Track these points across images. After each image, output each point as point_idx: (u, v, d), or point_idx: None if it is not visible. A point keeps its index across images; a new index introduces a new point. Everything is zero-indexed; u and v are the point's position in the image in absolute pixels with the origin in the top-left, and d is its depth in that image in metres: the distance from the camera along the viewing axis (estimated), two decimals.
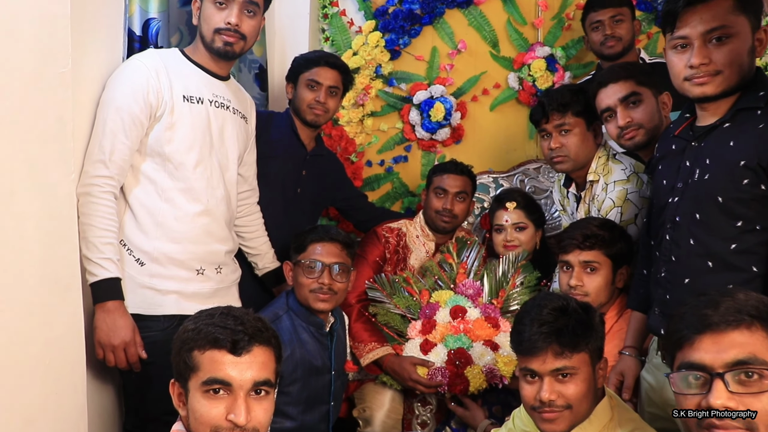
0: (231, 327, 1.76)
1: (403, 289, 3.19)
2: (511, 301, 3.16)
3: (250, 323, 1.80)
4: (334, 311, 2.87)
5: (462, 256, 3.29)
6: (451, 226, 3.39)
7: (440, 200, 3.36)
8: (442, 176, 3.39)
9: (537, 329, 1.99)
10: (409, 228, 3.44)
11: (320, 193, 3.42)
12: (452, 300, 3.13)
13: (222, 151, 2.65)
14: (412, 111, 3.98)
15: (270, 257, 3.13)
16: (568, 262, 2.72)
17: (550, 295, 2.13)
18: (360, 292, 3.24)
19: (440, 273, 3.23)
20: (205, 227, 2.57)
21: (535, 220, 3.37)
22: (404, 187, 4.06)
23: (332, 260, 2.73)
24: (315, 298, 2.71)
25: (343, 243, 2.77)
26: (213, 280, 2.62)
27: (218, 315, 1.80)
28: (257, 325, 1.80)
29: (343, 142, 3.99)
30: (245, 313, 1.82)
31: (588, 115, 2.94)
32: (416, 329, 3.10)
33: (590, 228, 2.71)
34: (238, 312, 1.81)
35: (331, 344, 2.85)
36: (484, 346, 3.01)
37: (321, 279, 2.70)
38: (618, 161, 2.94)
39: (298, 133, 3.29)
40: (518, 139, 4.03)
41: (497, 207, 3.39)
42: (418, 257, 3.41)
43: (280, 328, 2.72)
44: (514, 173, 3.87)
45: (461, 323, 3.06)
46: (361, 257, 3.33)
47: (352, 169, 4.00)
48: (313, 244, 2.75)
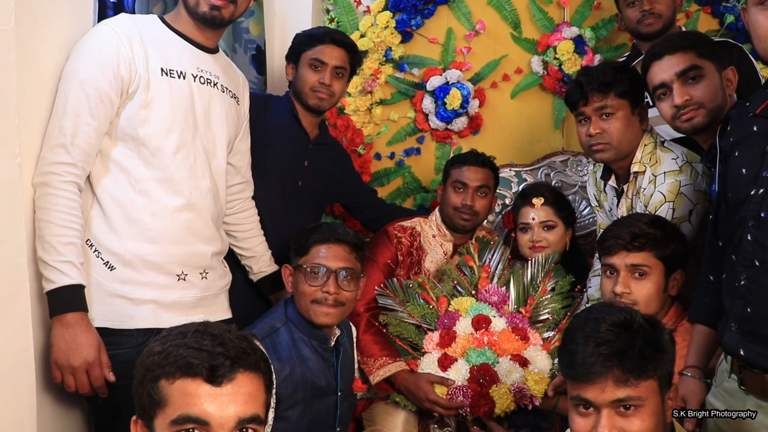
0: (208, 349, 1.34)
1: (417, 295, 2.78)
2: (541, 310, 2.73)
3: (233, 343, 1.37)
4: (340, 323, 2.44)
5: (484, 258, 2.87)
6: (472, 224, 2.97)
7: (459, 195, 2.94)
8: (461, 168, 2.97)
9: (594, 350, 1.57)
10: (424, 227, 3.02)
11: (324, 187, 2.99)
12: (474, 308, 2.71)
13: (208, 136, 2.21)
14: (426, 98, 3.57)
15: (266, 260, 2.70)
16: (613, 265, 2.28)
17: (609, 306, 1.69)
18: (369, 299, 2.83)
19: (460, 277, 2.81)
20: (188, 224, 2.14)
21: (565, 218, 2.96)
22: (416, 183, 3.67)
23: (339, 265, 2.30)
24: (318, 310, 2.28)
25: (352, 245, 2.34)
26: (197, 286, 2.19)
27: (192, 333, 1.37)
28: (241, 345, 1.37)
29: (350, 132, 3.58)
30: (226, 331, 1.39)
31: (633, 96, 2.50)
32: (433, 342, 2.67)
33: (639, 226, 2.27)
34: (217, 329, 1.38)
35: (336, 361, 2.42)
36: (512, 362, 2.59)
37: (325, 287, 2.27)
38: (667, 149, 2.50)
39: (300, 119, 2.87)
40: (542, 129, 3.63)
41: (522, 203, 2.98)
42: (435, 259, 2.99)
43: (277, 342, 2.29)
44: (538, 167, 3.45)
45: (485, 335, 2.63)
46: (370, 260, 2.92)
47: (360, 162, 3.59)
48: (316, 246, 2.32)
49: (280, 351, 2.27)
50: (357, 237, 2.37)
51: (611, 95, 2.48)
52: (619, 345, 1.56)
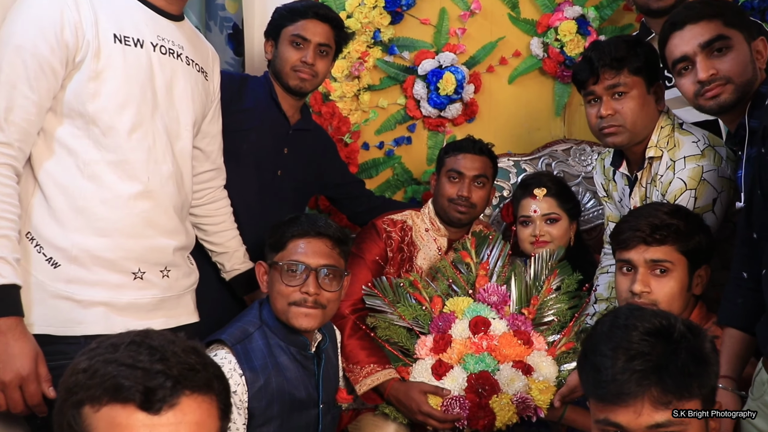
0: (144, 366, 1.05)
1: (409, 295, 2.51)
2: (545, 310, 2.46)
3: (177, 358, 1.08)
4: (322, 326, 2.15)
5: (482, 254, 2.59)
6: (468, 217, 2.70)
7: (454, 186, 2.66)
8: (456, 157, 2.70)
9: (626, 364, 1.29)
10: (416, 220, 2.74)
11: (306, 176, 2.70)
12: (472, 309, 2.44)
13: (171, 114, 1.92)
14: (417, 84, 3.29)
15: (240, 256, 2.40)
16: (630, 261, 2.00)
17: (639, 310, 1.41)
18: (356, 299, 2.56)
19: (455, 275, 2.54)
20: (145, 215, 1.85)
21: (569, 210, 2.70)
22: (407, 174, 3.39)
23: (319, 262, 2.01)
24: (296, 313, 2.00)
25: (334, 239, 2.05)
26: (157, 286, 1.89)
27: (125, 346, 1.08)
28: (188, 360, 1.08)
29: (335, 120, 3.29)
30: (170, 342, 1.10)
31: (648, 73, 2.23)
32: (426, 347, 2.40)
33: (659, 216, 1.99)
34: (158, 340, 1.09)
35: (318, 369, 2.13)
36: (514, 369, 2.32)
37: (304, 287, 1.99)
38: (687, 131, 2.23)
39: (279, 102, 2.58)
40: (543, 116, 3.37)
41: (523, 195, 2.72)
42: (428, 256, 2.71)
43: (250, 349, 1.99)
44: (538, 156, 3.18)
45: (484, 339, 2.36)
46: (357, 256, 2.65)
47: (346, 152, 3.31)
48: (294, 241, 2.03)
49: (253, 359, 1.98)
50: (340, 230, 2.08)
51: (624, 72, 2.20)
52: (657, 359, 1.28)
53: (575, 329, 2.40)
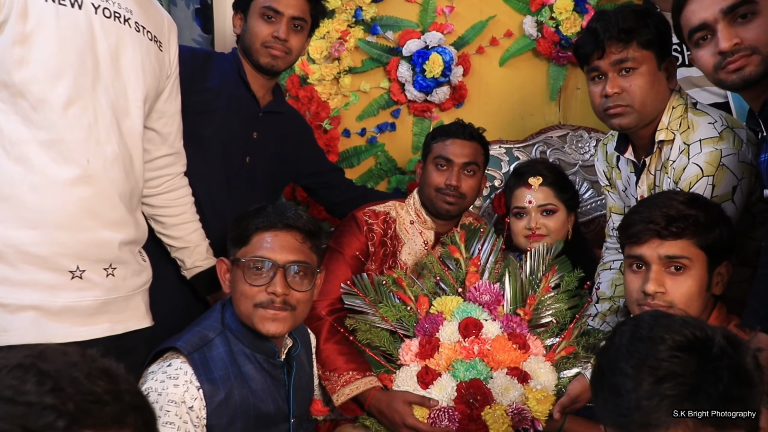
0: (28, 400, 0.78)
1: (392, 294, 2.25)
2: (543, 311, 2.21)
3: (77, 388, 0.82)
4: (293, 330, 1.88)
5: (472, 249, 2.34)
6: (457, 208, 2.45)
7: (442, 174, 2.42)
8: (444, 142, 2.45)
9: (653, 387, 1.04)
10: (400, 212, 2.48)
11: (278, 164, 2.44)
12: (462, 310, 2.19)
13: (117, 87, 1.65)
14: (402, 65, 3.05)
15: (202, 252, 2.14)
16: (642, 257, 1.75)
17: (665, 318, 1.15)
18: (333, 299, 2.31)
19: (443, 272, 2.29)
20: (85, 204, 1.58)
21: (567, 200, 2.47)
22: (391, 163, 3.15)
23: (288, 258, 1.75)
24: (262, 316, 1.73)
25: (305, 231, 1.79)
26: (100, 287, 1.62)
27: (8, 371, 0.81)
28: (93, 390, 0.82)
29: (314, 105, 3.06)
30: (70, 365, 0.83)
31: (659, 47, 1.98)
32: (411, 352, 2.15)
33: (674, 206, 1.74)
34: (54, 362, 0.83)
35: (288, 379, 1.87)
36: (509, 377, 2.07)
37: (271, 286, 1.72)
38: (701, 112, 1.98)
39: (248, 81, 2.31)
40: (536, 100, 3.13)
41: (517, 184, 2.48)
42: (413, 251, 2.46)
43: (210, 358, 1.73)
44: (532, 143, 2.94)
45: (475, 343, 2.12)
46: (335, 251, 2.41)
47: (326, 139, 3.08)
48: (259, 234, 1.77)
49: (212, 369, 1.72)
50: (312, 222, 1.81)
51: (633, 45, 1.95)
52: (693, 381, 1.02)
53: (576, 332, 2.15)
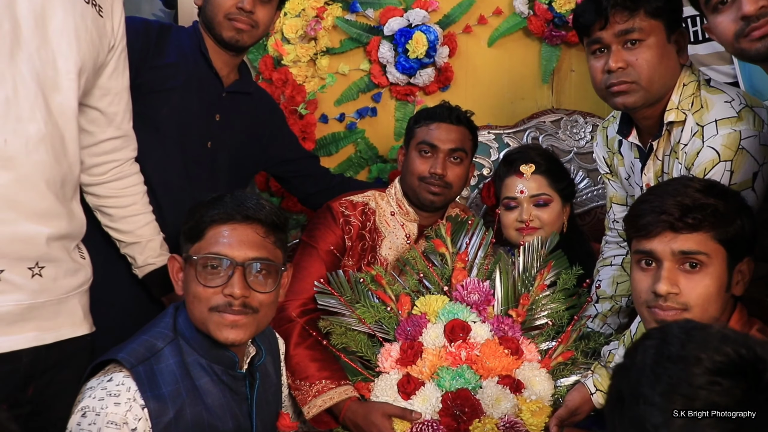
0: None
1: (371, 293, 2.03)
2: (537, 312, 1.98)
3: None
4: (257, 337, 1.64)
5: (459, 243, 2.11)
6: (442, 199, 2.23)
7: (426, 161, 2.20)
8: (429, 126, 2.23)
9: (689, 424, 0.81)
10: (380, 203, 2.25)
11: (245, 150, 2.20)
12: (447, 311, 1.97)
13: (43, 56, 1.40)
14: (383, 45, 2.82)
15: (155, 248, 1.89)
16: (653, 253, 1.52)
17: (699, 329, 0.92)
18: (306, 299, 2.08)
19: (427, 268, 2.06)
20: (2, 192, 1.33)
21: (562, 190, 2.26)
22: (371, 151, 2.93)
23: (248, 254, 1.51)
24: (219, 322, 1.49)
25: (268, 224, 1.55)
26: (23, 289, 1.38)
27: None
28: None
29: (288, 89, 2.83)
30: None
31: (669, 16, 1.75)
32: (392, 358, 1.94)
33: (690, 194, 1.51)
34: None
35: (251, 393, 1.63)
36: (500, 386, 1.86)
37: (228, 288, 1.48)
38: (716, 89, 1.75)
39: (210, 58, 2.06)
40: (528, 83, 2.91)
41: (507, 173, 2.26)
42: (394, 245, 2.24)
43: (158, 371, 1.49)
44: (523, 129, 2.72)
45: (462, 348, 1.90)
46: (308, 246, 2.18)
47: (301, 126, 2.86)
48: (215, 227, 1.52)
49: (160, 384, 1.47)
50: (276, 213, 1.56)
51: (640, 14, 1.72)
52: (738, 414, 0.79)
53: (574, 335, 1.92)
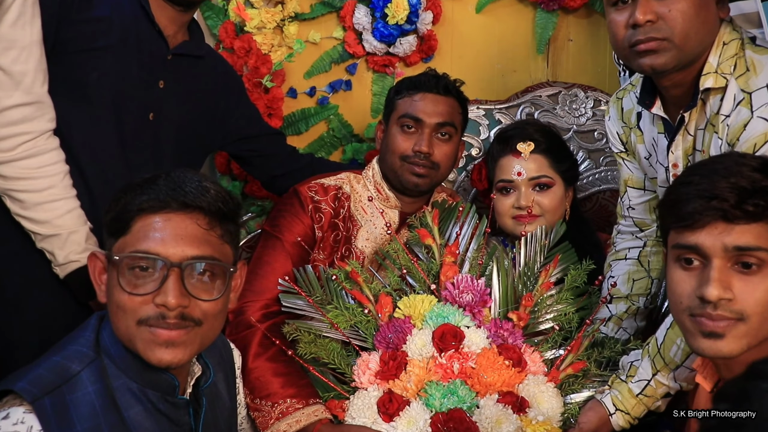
0: None
1: (345, 293, 1.71)
2: (542, 313, 1.67)
3: None
4: (203, 352, 1.29)
5: (448, 233, 1.79)
6: (428, 182, 1.92)
7: (410, 137, 1.89)
8: (412, 97, 1.92)
9: None
10: (356, 186, 1.94)
11: (196, 124, 1.84)
12: (436, 314, 1.65)
13: None
14: (358, 10, 2.50)
15: (79, 241, 1.54)
16: (699, 248, 1.19)
17: None
18: (269, 300, 1.76)
19: (411, 263, 1.74)
20: None
21: (565, 172, 1.97)
22: (346, 129, 2.60)
23: (187, 252, 1.15)
24: (149, 340, 1.15)
25: (214, 213, 1.19)
26: None
27: None
28: None
29: (252, 59, 2.48)
30: None
31: None
32: (370, 371, 1.61)
33: (745, 174, 1.19)
34: None
35: (195, 423, 1.28)
36: (501, 405, 1.55)
37: (161, 296, 1.13)
38: (764, 49, 1.43)
39: (152, 13, 1.69)
40: (520, 53, 2.59)
41: (502, 152, 1.96)
42: (372, 236, 1.93)
43: (72, 401, 1.15)
44: (517, 104, 2.41)
45: (455, 359, 1.59)
46: (271, 237, 1.86)
47: (267, 100, 2.50)
48: (144, 218, 1.17)
49: (74, 420, 1.13)
50: (224, 199, 1.20)
51: None
52: None
53: (586, 341, 1.60)
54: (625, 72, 2.26)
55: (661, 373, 1.47)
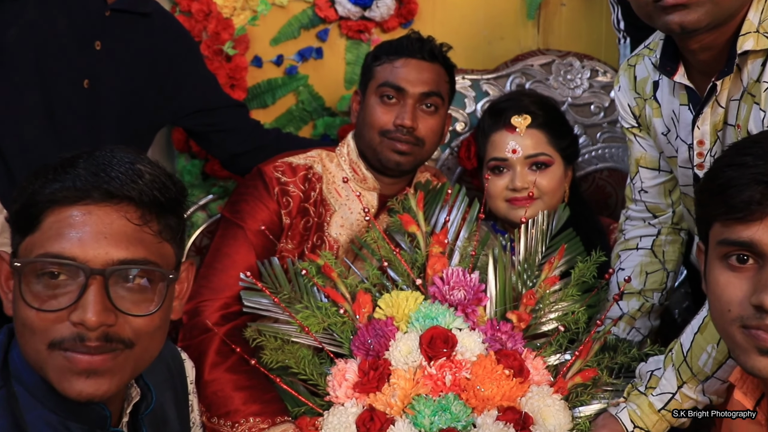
0: None
1: (317, 290, 1.46)
2: (544, 311, 1.43)
3: None
4: (147, 371, 1.02)
5: (435, 219, 1.56)
6: (412, 160, 1.68)
7: (390, 109, 1.65)
8: (393, 64, 1.67)
9: None
10: (329, 166, 1.70)
11: (141, 94, 1.57)
12: (424, 314, 1.41)
13: None
14: None
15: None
16: (754, 245, 0.96)
17: None
18: (229, 298, 1.51)
19: (393, 254, 1.50)
20: None
21: (565, 149, 1.75)
22: (317, 101, 2.36)
23: (112, 255, 0.89)
24: (64, 368, 0.88)
25: (149, 204, 0.92)
26: None
27: None
28: None
29: (212, 23, 2.22)
30: None
31: None
32: (347, 382, 1.36)
33: None
34: None
35: None
36: (501, 423, 1.30)
37: (78, 312, 0.86)
38: None
39: None
40: (508, 19, 2.36)
41: (495, 126, 1.74)
42: (347, 222, 1.69)
43: None
44: (506, 74, 2.19)
45: (446, 368, 1.35)
46: (231, 224, 1.60)
47: (228, 70, 2.24)
48: (57, 211, 0.89)
49: None
50: (162, 185, 0.92)
51: None
52: None
53: (597, 345, 1.36)
54: (625, 39, 2.04)
55: (687, 386, 1.24)
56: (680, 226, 1.54)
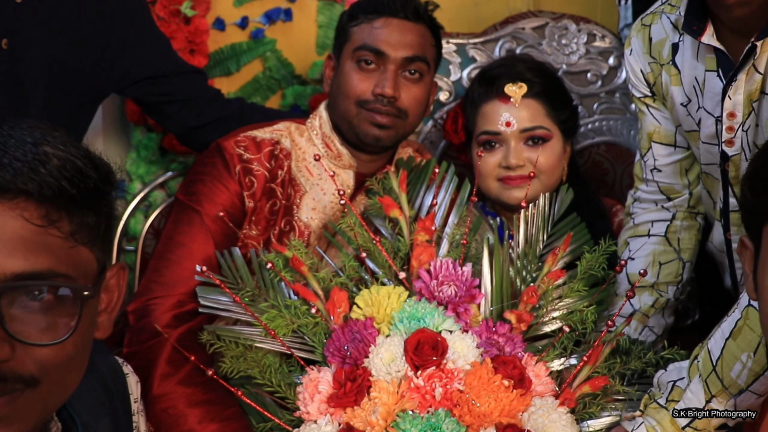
0: None
1: (284, 285, 1.25)
2: (547, 309, 1.23)
3: None
4: (74, 398, 0.80)
5: (419, 200, 1.36)
6: (393, 134, 1.46)
7: (369, 76, 1.44)
8: (372, 24, 1.45)
9: None
10: (299, 141, 1.50)
11: (77, 57, 1.32)
12: (409, 314, 1.21)
13: None
14: None
15: None
16: None
17: None
18: (183, 295, 1.30)
19: (372, 243, 1.29)
20: None
21: (564, 121, 1.56)
22: (286, 69, 2.15)
23: (4, 268, 0.65)
24: None
25: (53, 197, 0.69)
26: None
27: None
28: None
29: None
30: None
31: None
32: (320, 394, 1.16)
33: None
34: None
35: None
36: None
37: None
38: None
39: None
40: None
41: (486, 95, 1.54)
42: (319, 205, 1.48)
43: None
44: (495, 38, 1.97)
45: (436, 379, 1.14)
46: (186, 208, 1.38)
47: (187, 34, 2.03)
48: None
49: None
50: (75, 172, 0.69)
51: None
52: None
53: (607, 349, 1.18)
54: (626, 0, 1.83)
55: (717, 399, 1.06)
56: (697, 210, 1.36)
